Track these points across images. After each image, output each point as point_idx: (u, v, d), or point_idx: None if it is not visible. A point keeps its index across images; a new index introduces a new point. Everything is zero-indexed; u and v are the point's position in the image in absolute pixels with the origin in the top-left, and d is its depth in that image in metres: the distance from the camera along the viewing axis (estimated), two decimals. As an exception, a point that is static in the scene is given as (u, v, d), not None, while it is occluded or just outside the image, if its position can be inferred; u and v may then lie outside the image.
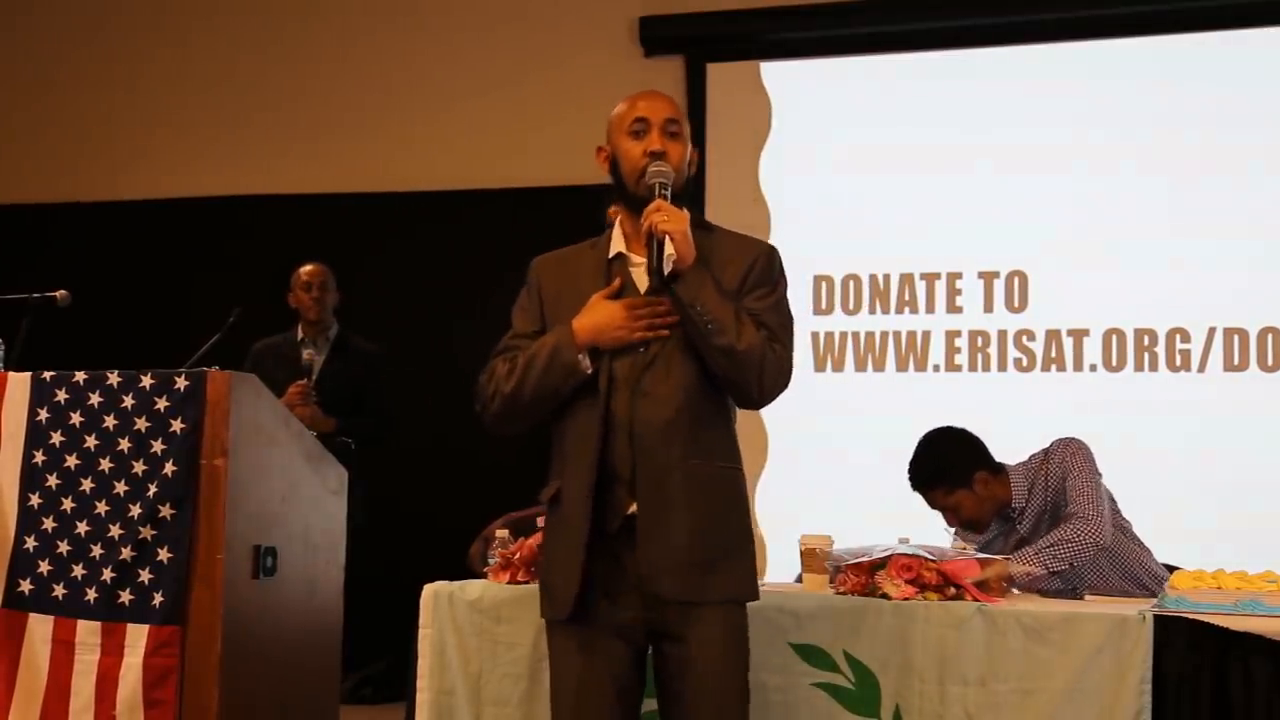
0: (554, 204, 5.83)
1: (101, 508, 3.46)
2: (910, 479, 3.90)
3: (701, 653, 2.69)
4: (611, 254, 2.85)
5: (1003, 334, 5.46)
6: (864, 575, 3.20)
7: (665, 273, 2.67)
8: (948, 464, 3.88)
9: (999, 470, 3.90)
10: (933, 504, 3.89)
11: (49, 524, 3.50)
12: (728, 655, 2.73)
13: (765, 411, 3.01)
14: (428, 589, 3.38)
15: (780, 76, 5.74)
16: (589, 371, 2.74)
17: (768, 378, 2.70)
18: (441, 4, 6.23)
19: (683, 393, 2.71)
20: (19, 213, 6.65)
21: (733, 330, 2.65)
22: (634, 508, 2.70)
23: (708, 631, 2.69)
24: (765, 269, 2.80)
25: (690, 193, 2.86)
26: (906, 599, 3.13)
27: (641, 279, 2.76)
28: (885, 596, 3.15)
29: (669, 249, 2.67)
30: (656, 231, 2.67)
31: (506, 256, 6.01)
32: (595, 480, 2.70)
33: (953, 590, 3.14)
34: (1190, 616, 3.00)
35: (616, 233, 2.87)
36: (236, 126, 6.45)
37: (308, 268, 5.47)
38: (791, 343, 2.78)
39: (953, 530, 3.86)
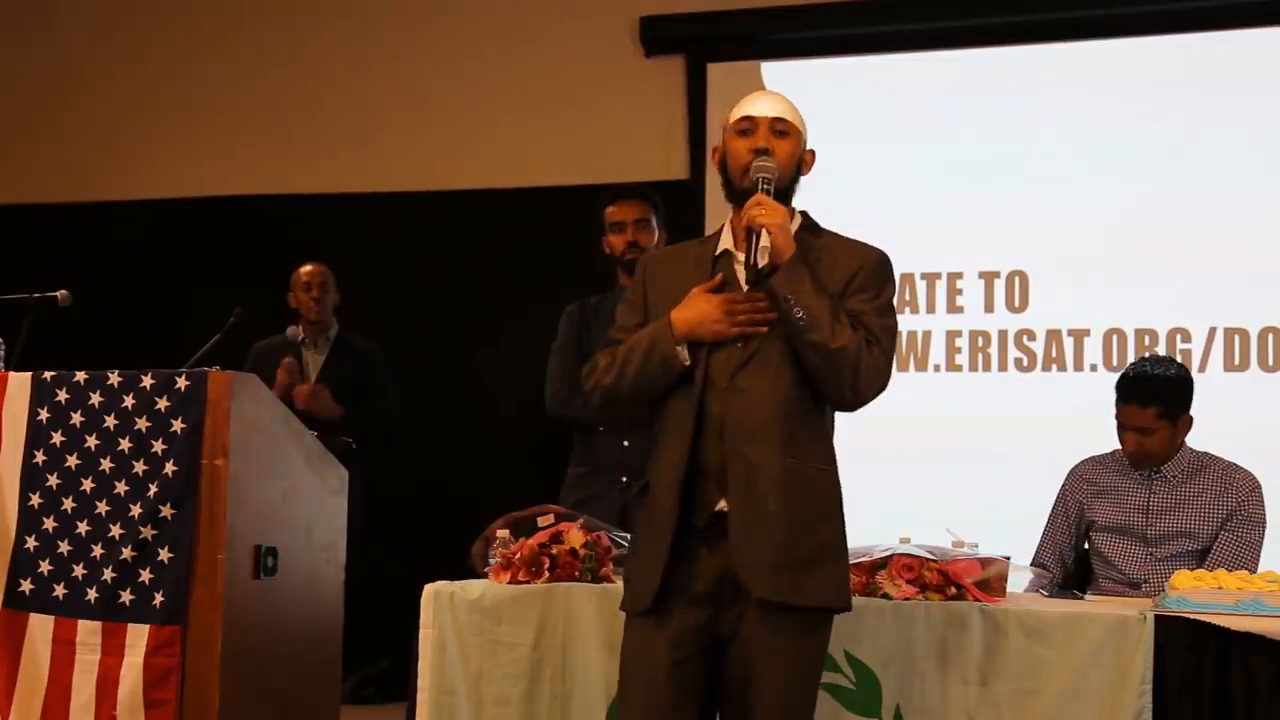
0: (556, 203, 5.83)
1: (102, 508, 3.46)
2: (1136, 384, 3.77)
3: (781, 657, 2.67)
4: (718, 250, 2.86)
5: (1003, 334, 5.46)
6: (865, 575, 3.19)
7: (761, 266, 2.68)
8: (1181, 391, 3.78)
9: (1191, 423, 3.82)
10: (1129, 418, 3.77)
11: (50, 524, 3.50)
12: (810, 659, 2.72)
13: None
14: (428, 589, 3.37)
15: (781, 76, 5.72)
16: (686, 364, 2.75)
17: (862, 379, 2.69)
18: (442, 5, 6.22)
19: (779, 391, 2.71)
20: (20, 213, 6.64)
21: (829, 327, 2.64)
22: (723, 504, 2.70)
23: (793, 633, 2.67)
24: (872, 272, 2.80)
25: (790, 192, 2.86)
26: (907, 599, 3.13)
27: (743, 272, 2.76)
28: (886, 596, 3.15)
29: (764, 241, 2.68)
30: (755, 224, 2.68)
31: (508, 257, 6.07)
32: (684, 475, 2.70)
33: (954, 590, 3.14)
34: (1191, 616, 3.00)
35: (726, 230, 2.88)
36: (238, 128, 6.45)
37: (307, 268, 5.47)
38: (891, 347, 2.76)
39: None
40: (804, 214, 2.90)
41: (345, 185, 6.22)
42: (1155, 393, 3.76)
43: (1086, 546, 3.94)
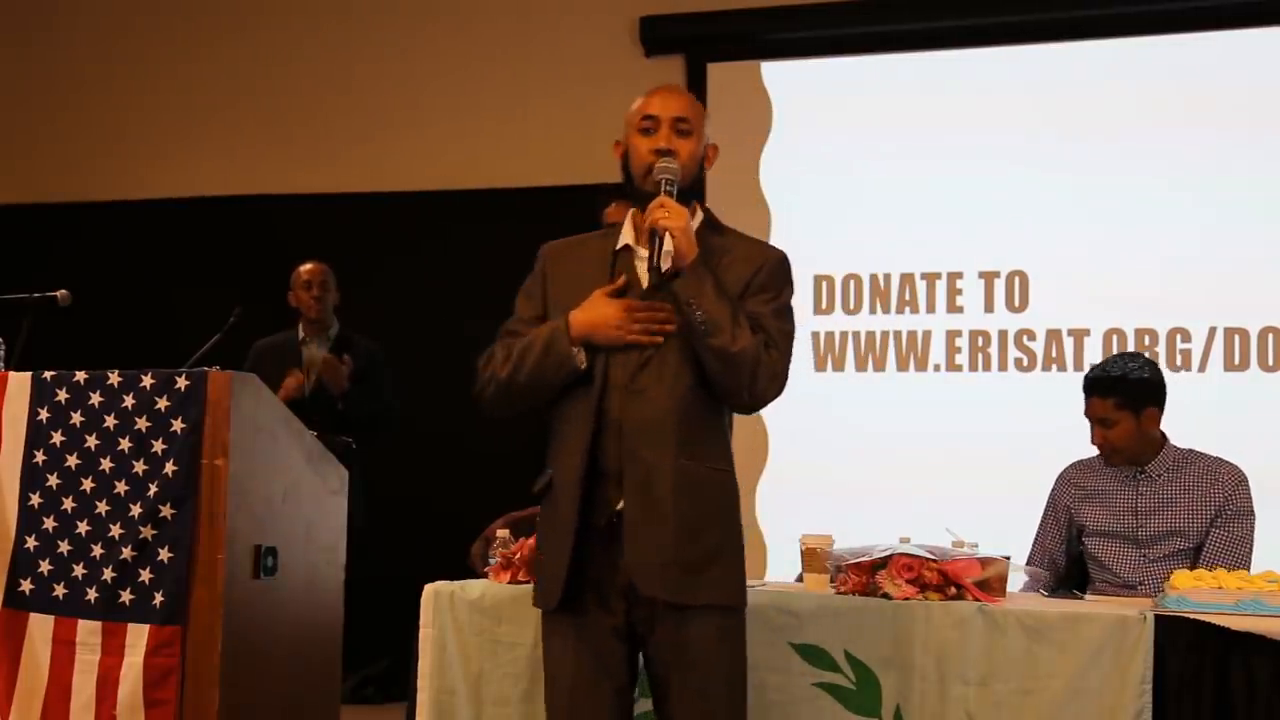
0: (556, 203, 5.82)
1: (102, 507, 3.45)
2: (1096, 375, 3.82)
3: (690, 655, 2.69)
4: (619, 245, 2.85)
5: (1003, 334, 5.46)
6: (865, 575, 3.19)
7: (664, 269, 2.68)
8: (1143, 384, 3.79)
9: (1159, 418, 3.84)
10: (1095, 410, 3.80)
11: (50, 524, 3.50)
12: (718, 658, 2.73)
13: (766, 411, 2.99)
14: (428, 589, 3.38)
15: (781, 76, 5.73)
16: (582, 367, 2.75)
17: (760, 383, 2.70)
18: (442, 4, 6.22)
19: (676, 393, 2.71)
20: (19, 213, 6.64)
21: (729, 331, 2.65)
22: (622, 504, 2.71)
23: (697, 632, 2.69)
24: (772, 273, 2.80)
25: (700, 191, 2.86)
26: (907, 599, 3.12)
27: (645, 274, 2.76)
28: (886, 596, 3.15)
29: (668, 244, 2.68)
30: (658, 228, 2.68)
31: (508, 256, 5.97)
32: (584, 474, 2.71)
33: (954, 590, 3.14)
34: (1191, 616, 3.00)
35: (627, 225, 2.87)
36: (238, 128, 6.45)
37: (308, 266, 5.48)
38: (789, 350, 2.77)
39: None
40: (706, 210, 2.89)
41: (346, 185, 6.22)
42: (1114, 382, 3.78)
43: (1081, 550, 3.94)
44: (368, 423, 5.31)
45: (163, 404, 3.45)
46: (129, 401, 3.48)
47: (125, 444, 3.46)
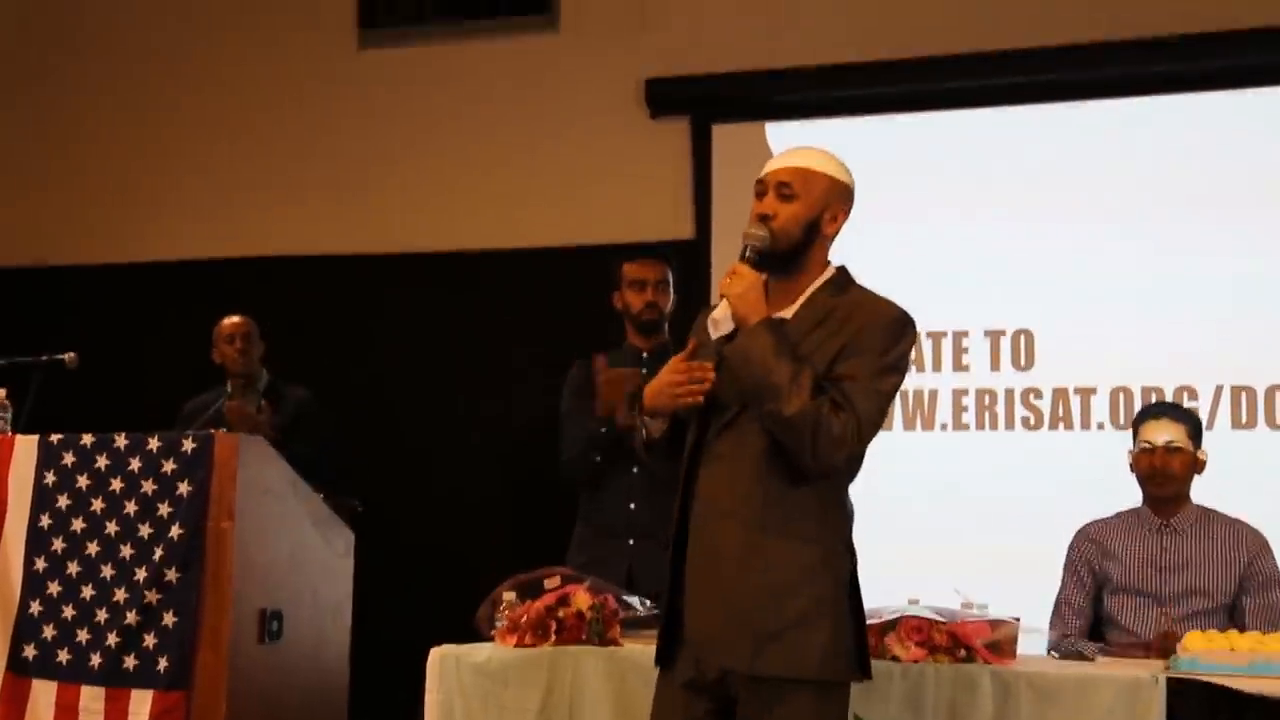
0: (561, 265, 5.83)
1: (107, 571, 3.45)
2: (1166, 402, 3.97)
3: None
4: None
5: (1009, 392, 5.44)
6: (874, 637, 3.14)
7: (715, 335, 2.73)
8: (1199, 425, 3.87)
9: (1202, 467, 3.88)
10: (1164, 432, 3.78)
11: (54, 588, 3.50)
12: None
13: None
14: (434, 653, 3.33)
15: (786, 137, 5.73)
16: (655, 435, 2.81)
17: (821, 447, 2.60)
18: (446, 66, 6.25)
19: (754, 457, 2.69)
20: (28, 276, 6.65)
21: (785, 395, 2.59)
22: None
23: (776, 707, 2.64)
24: (876, 332, 2.71)
25: (800, 253, 2.81)
26: (916, 661, 3.10)
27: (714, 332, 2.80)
28: (895, 659, 3.12)
29: (718, 312, 2.71)
30: (721, 293, 2.73)
31: (517, 318, 6.05)
32: (676, 540, 2.74)
33: (963, 652, 3.11)
34: (1203, 679, 2.96)
35: None
36: (240, 188, 6.43)
37: (230, 320, 5.32)
38: (872, 411, 2.65)
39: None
40: (841, 270, 2.87)
41: (358, 247, 6.19)
42: (1187, 412, 3.88)
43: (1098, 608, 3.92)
44: (304, 468, 5.15)
45: (169, 466, 3.46)
46: (135, 464, 3.48)
47: (131, 507, 3.47)
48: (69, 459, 3.56)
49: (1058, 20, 5.43)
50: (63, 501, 3.53)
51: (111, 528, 3.47)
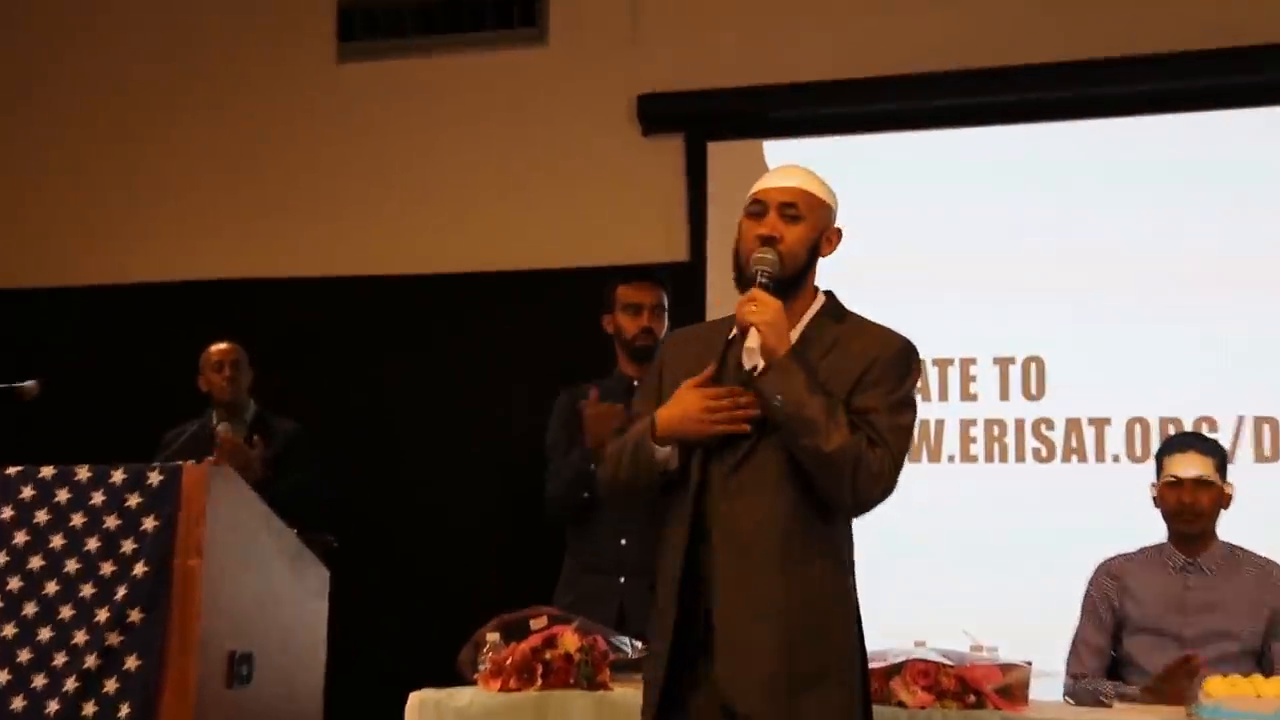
0: (550, 287, 5.72)
1: (66, 612, 3.33)
2: (1194, 433, 3.90)
3: None
4: (732, 334, 2.73)
5: (1020, 423, 5.29)
6: (878, 682, 3.02)
7: (747, 366, 2.59)
8: (1226, 456, 3.77)
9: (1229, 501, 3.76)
10: (1192, 466, 3.65)
11: (9, 630, 3.36)
12: None
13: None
14: (413, 697, 3.22)
15: (782, 155, 5.60)
16: (672, 466, 2.64)
17: (861, 483, 2.54)
18: (437, 83, 6.15)
19: (779, 491, 2.58)
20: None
21: (823, 430, 2.51)
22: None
23: None
24: (888, 366, 2.65)
25: (802, 278, 2.72)
26: (923, 707, 2.98)
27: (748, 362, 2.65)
28: (901, 705, 3.00)
29: (750, 341, 2.58)
30: (744, 323, 2.60)
31: (505, 341, 5.93)
32: (681, 580, 2.59)
33: (973, 698, 3.00)
34: (1230, 728, 2.82)
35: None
36: (220, 209, 6.32)
37: (218, 347, 5.19)
38: (900, 445, 2.61)
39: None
40: (829, 296, 2.79)
41: (348, 268, 6.10)
42: (1216, 445, 3.74)
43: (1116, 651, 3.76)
44: (286, 506, 5.01)
45: (134, 501, 3.35)
46: (98, 499, 3.37)
47: (93, 543, 3.36)
48: (27, 493, 3.42)
49: (1073, 36, 5.34)
50: (20, 538, 3.40)
51: (72, 565, 3.34)
